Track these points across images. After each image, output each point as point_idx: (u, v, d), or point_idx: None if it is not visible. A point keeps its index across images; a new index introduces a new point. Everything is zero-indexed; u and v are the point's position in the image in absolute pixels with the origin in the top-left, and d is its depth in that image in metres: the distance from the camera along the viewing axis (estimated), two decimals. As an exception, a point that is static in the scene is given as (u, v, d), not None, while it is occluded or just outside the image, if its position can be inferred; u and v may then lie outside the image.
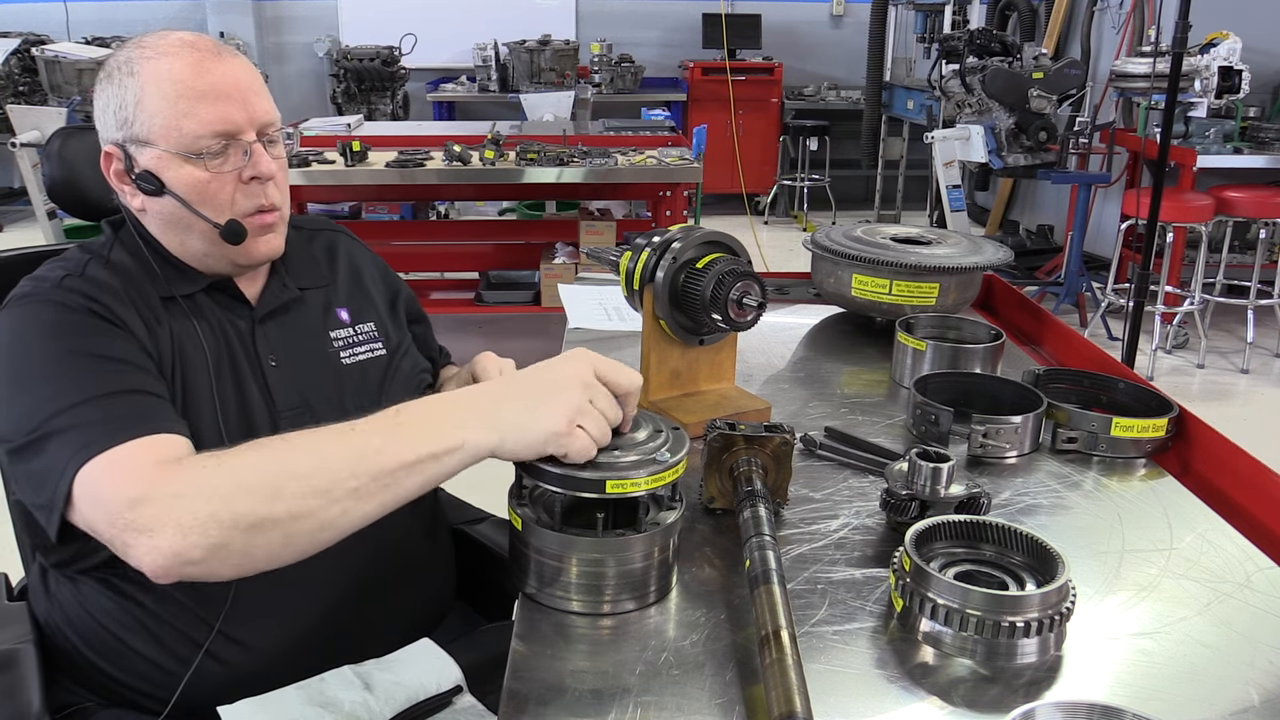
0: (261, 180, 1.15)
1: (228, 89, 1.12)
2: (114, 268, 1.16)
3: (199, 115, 1.11)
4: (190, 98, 1.10)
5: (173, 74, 1.11)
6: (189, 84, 1.10)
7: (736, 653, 0.87)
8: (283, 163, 1.21)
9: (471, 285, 4.76)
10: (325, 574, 1.20)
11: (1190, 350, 4.82)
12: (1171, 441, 1.27)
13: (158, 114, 1.11)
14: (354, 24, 7.49)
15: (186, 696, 1.12)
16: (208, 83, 1.11)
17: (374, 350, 1.30)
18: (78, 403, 0.98)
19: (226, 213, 1.15)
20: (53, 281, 1.11)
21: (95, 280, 1.12)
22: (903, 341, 1.48)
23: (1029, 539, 0.93)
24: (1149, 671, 0.87)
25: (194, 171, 1.12)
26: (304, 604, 1.18)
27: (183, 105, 1.10)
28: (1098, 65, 5.72)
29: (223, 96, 1.12)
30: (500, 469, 0.97)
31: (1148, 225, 3.68)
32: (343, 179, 4.06)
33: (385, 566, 1.25)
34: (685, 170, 4.13)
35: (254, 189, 1.16)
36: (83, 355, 1.04)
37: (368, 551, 1.24)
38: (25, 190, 5.23)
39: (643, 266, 1.29)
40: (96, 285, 1.11)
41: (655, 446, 0.95)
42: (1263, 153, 4.77)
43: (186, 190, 1.13)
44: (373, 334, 1.31)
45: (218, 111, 1.11)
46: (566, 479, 0.90)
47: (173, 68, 1.11)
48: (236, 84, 1.13)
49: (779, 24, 7.75)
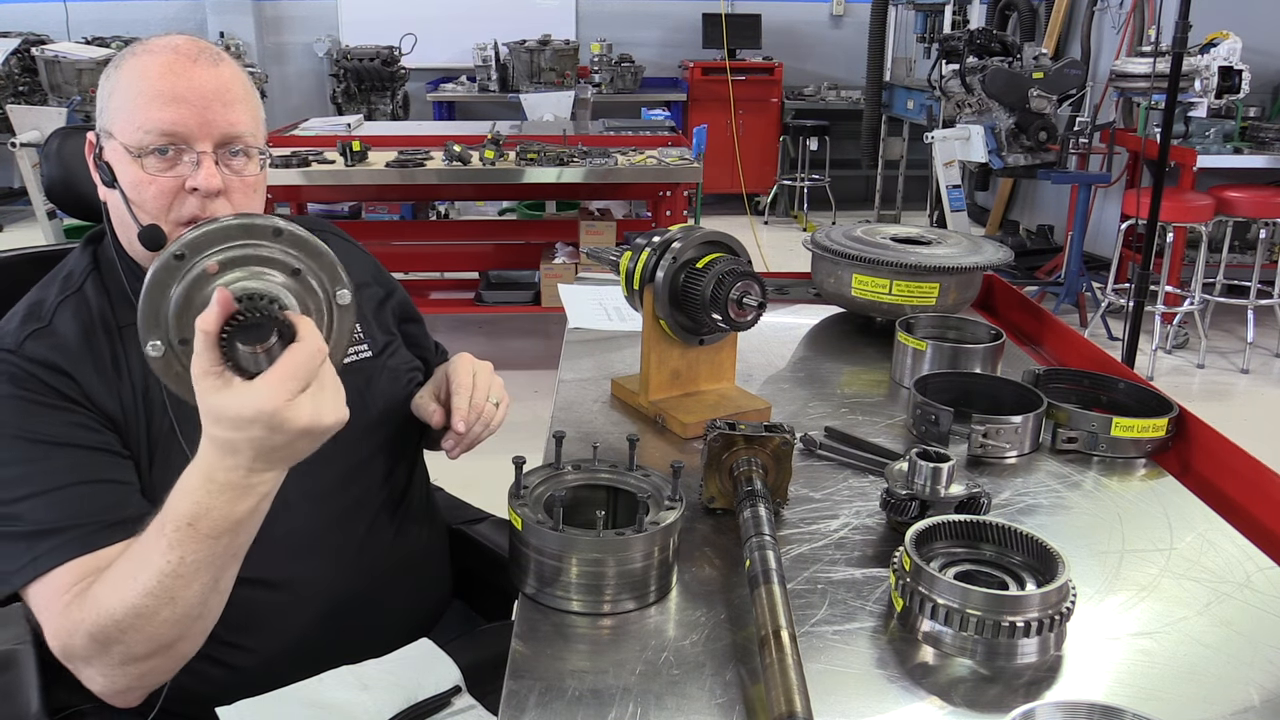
0: (203, 194, 1.09)
1: (187, 93, 1.08)
2: (81, 305, 1.13)
3: (150, 114, 1.08)
4: (148, 95, 1.08)
5: (144, 71, 1.09)
6: (152, 81, 1.09)
7: (736, 653, 0.87)
8: (249, 180, 1.14)
9: (471, 285, 4.75)
10: (322, 576, 1.20)
11: (1190, 350, 4.81)
12: (1171, 441, 1.27)
13: (122, 108, 1.10)
14: (354, 24, 7.49)
15: (187, 696, 1.12)
16: (169, 84, 1.09)
17: (358, 353, 1.29)
18: (21, 497, 1.01)
19: (160, 219, 1.10)
20: (8, 345, 1.08)
21: (54, 340, 1.09)
22: (903, 341, 1.48)
23: (1029, 539, 0.93)
24: (1149, 671, 0.87)
25: (135, 170, 1.09)
26: (301, 607, 1.18)
27: (140, 101, 1.09)
28: (1098, 65, 5.72)
29: (179, 100, 1.08)
30: (500, 469, 0.97)
31: (1148, 225, 3.68)
32: (343, 179, 4.06)
33: (382, 567, 1.25)
34: (685, 170, 4.13)
35: (194, 201, 1.10)
36: (30, 441, 1.03)
37: (364, 553, 1.24)
38: (25, 190, 5.23)
39: (643, 266, 1.29)
40: (54, 347, 1.08)
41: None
42: (1263, 153, 4.77)
43: (128, 188, 1.10)
44: (356, 336, 1.30)
45: (169, 114, 1.08)
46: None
47: (146, 65, 1.09)
48: (200, 91, 1.09)
49: (779, 24, 7.75)
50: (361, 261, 1.40)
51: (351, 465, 1.23)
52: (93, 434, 1.06)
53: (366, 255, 1.43)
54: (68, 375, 1.07)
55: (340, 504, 1.23)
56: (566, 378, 1.51)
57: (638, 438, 1.04)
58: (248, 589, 1.15)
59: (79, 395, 1.07)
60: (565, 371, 1.54)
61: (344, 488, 1.23)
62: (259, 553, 1.15)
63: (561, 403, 1.41)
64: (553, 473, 1.04)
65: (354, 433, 1.10)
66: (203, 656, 1.13)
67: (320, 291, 0.91)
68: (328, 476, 1.20)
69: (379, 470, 1.27)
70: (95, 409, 1.07)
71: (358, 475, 1.24)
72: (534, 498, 0.98)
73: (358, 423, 1.06)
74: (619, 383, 1.43)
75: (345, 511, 1.23)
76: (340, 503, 1.23)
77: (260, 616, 1.16)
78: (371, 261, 1.43)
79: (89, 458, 1.05)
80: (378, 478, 1.27)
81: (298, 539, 1.18)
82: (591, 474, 1.04)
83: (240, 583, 1.14)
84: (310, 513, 1.19)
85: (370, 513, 1.25)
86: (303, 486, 1.19)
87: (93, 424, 1.07)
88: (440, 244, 5.13)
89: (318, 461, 1.20)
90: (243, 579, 1.14)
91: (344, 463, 1.21)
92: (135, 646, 0.95)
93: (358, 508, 1.24)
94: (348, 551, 1.23)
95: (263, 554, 1.16)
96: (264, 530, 1.15)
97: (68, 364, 1.08)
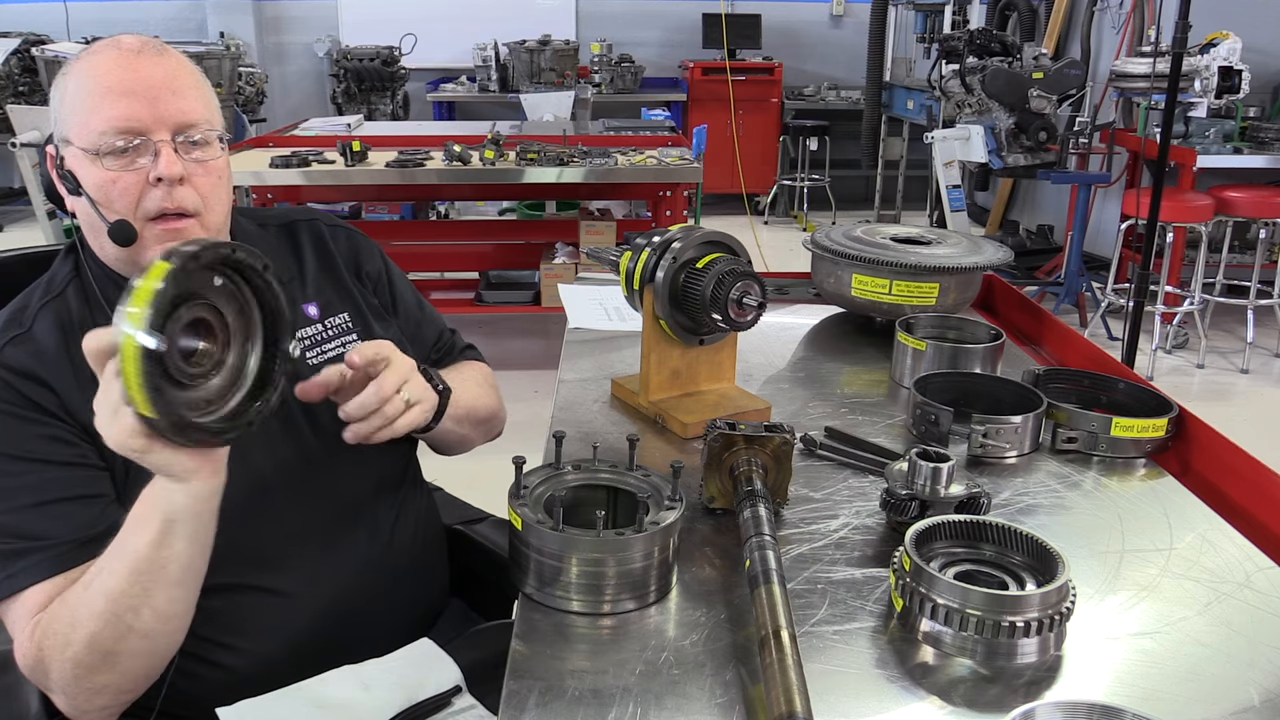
0: (168, 183, 1.09)
1: (135, 86, 1.08)
2: (62, 310, 1.12)
3: (103, 112, 1.07)
4: (98, 94, 1.07)
5: (90, 70, 1.09)
6: (100, 80, 1.08)
7: (736, 653, 0.87)
8: (212, 166, 1.13)
9: (471, 285, 4.75)
10: (316, 579, 1.20)
11: (1190, 350, 4.81)
12: (1171, 441, 1.27)
13: (75, 112, 1.09)
14: (354, 24, 7.49)
15: (184, 699, 1.12)
16: (116, 79, 1.08)
17: (346, 344, 1.27)
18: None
19: (129, 215, 1.09)
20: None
21: (32, 346, 1.09)
22: (903, 341, 1.48)
23: (1029, 539, 0.93)
24: (1149, 671, 0.87)
25: (99, 170, 1.08)
26: (296, 610, 1.18)
27: (91, 101, 1.08)
28: (1098, 65, 5.72)
29: (129, 93, 1.07)
30: (500, 469, 0.97)
31: (1148, 225, 3.68)
32: (343, 179, 4.07)
33: (380, 568, 1.25)
34: (685, 170, 4.13)
35: (159, 192, 1.09)
36: (8, 458, 1.04)
37: (362, 554, 1.24)
38: (25, 190, 5.23)
39: (643, 266, 1.29)
40: (33, 354, 1.08)
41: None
42: (1263, 153, 4.77)
43: (93, 190, 1.09)
44: (346, 326, 1.28)
45: (121, 109, 1.07)
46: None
47: (92, 65, 1.09)
48: (148, 82, 1.08)
49: (779, 24, 7.75)
50: (349, 246, 1.36)
51: (340, 467, 1.22)
52: (69, 448, 1.06)
53: (357, 240, 1.38)
54: (45, 385, 1.07)
55: (330, 506, 1.22)
56: (566, 378, 1.51)
57: (638, 438, 1.04)
58: (240, 595, 1.15)
59: (56, 407, 1.06)
60: (565, 371, 1.54)
61: (333, 490, 1.22)
62: (251, 559, 1.16)
63: (561, 403, 1.41)
64: (553, 473, 1.04)
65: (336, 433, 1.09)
66: (200, 659, 1.13)
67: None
68: (315, 480, 1.20)
69: (367, 471, 1.26)
70: (72, 420, 1.06)
71: (347, 477, 1.23)
72: (534, 498, 0.98)
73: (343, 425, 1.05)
74: (619, 383, 1.43)
75: (335, 514, 1.23)
76: (330, 505, 1.22)
77: (255, 620, 1.16)
78: (364, 245, 1.38)
79: (65, 474, 1.05)
80: (366, 479, 1.26)
81: (288, 543, 1.18)
82: (591, 474, 1.04)
83: (233, 589, 1.14)
84: (299, 516, 1.19)
85: (361, 514, 1.25)
86: (290, 489, 1.19)
87: (69, 436, 1.06)
88: (440, 244, 5.13)
89: (304, 465, 1.20)
90: (235, 585, 1.14)
91: (331, 465, 1.21)
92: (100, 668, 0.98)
93: (348, 510, 1.24)
94: (340, 553, 1.22)
95: (254, 560, 1.16)
96: (255, 535, 1.16)
97: (46, 373, 1.07)
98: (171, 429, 0.83)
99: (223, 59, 5.87)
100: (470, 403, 1.32)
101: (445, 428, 1.25)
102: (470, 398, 1.33)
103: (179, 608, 1.00)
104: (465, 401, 1.29)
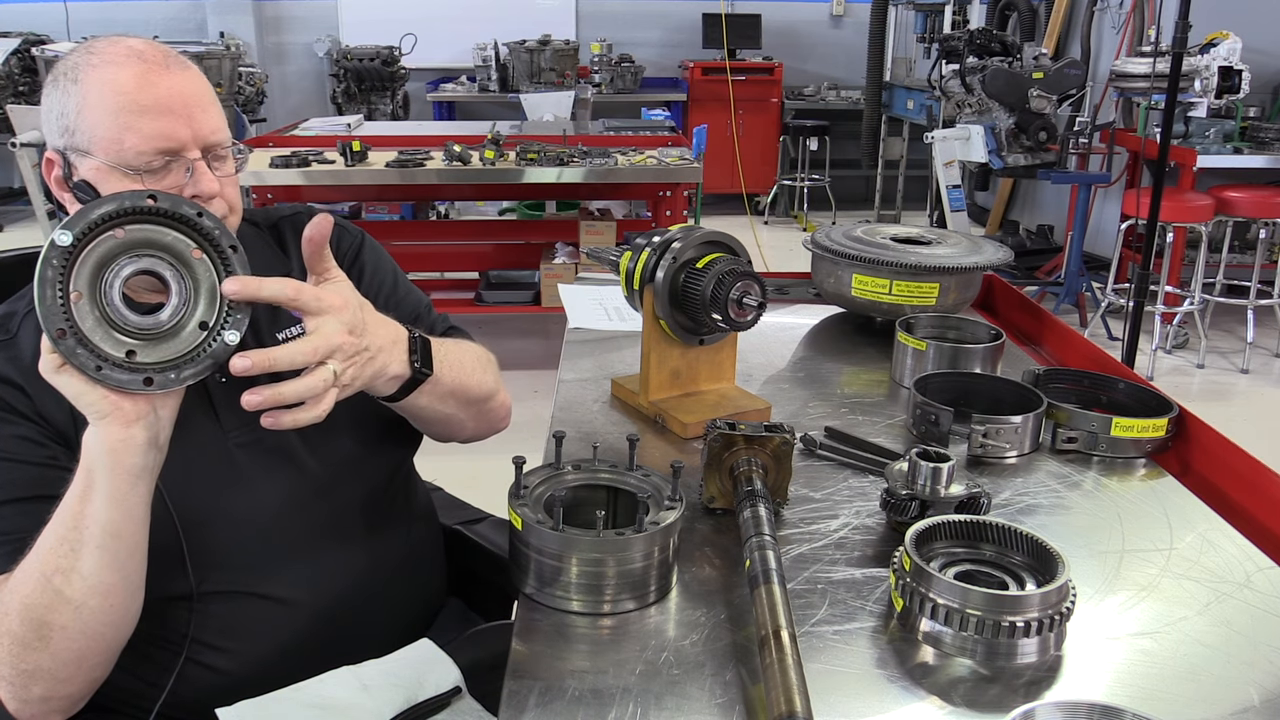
0: (203, 199, 1.08)
1: (172, 104, 1.07)
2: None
3: (141, 130, 1.05)
4: (133, 111, 1.05)
5: (116, 85, 1.06)
6: (132, 97, 1.06)
7: (736, 653, 0.87)
8: (232, 180, 1.15)
9: (471, 285, 4.76)
10: (317, 584, 1.19)
11: (1190, 350, 4.81)
12: (1171, 441, 1.27)
13: (99, 125, 1.06)
14: (354, 24, 7.49)
15: (182, 702, 1.12)
16: (152, 97, 1.06)
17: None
18: None
19: None
20: None
21: (13, 353, 1.09)
22: (903, 341, 1.48)
23: (1029, 539, 0.93)
24: (1149, 671, 0.87)
25: (132, 187, 1.06)
26: (296, 614, 1.18)
27: (125, 119, 1.05)
28: (1098, 65, 5.72)
29: (166, 112, 1.06)
30: (500, 469, 0.97)
31: (1148, 225, 3.68)
32: (343, 179, 4.06)
33: (377, 572, 1.25)
34: (685, 170, 4.13)
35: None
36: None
37: (359, 558, 1.23)
38: (25, 190, 5.23)
39: (643, 266, 1.29)
40: (12, 359, 1.08)
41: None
42: (1263, 153, 4.77)
43: None
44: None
45: (160, 127, 1.06)
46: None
47: (117, 78, 1.06)
48: (183, 99, 1.08)
49: (779, 24, 7.75)
50: (345, 240, 1.33)
51: (336, 471, 1.21)
52: (39, 448, 1.06)
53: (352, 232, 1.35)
54: (19, 388, 1.07)
55: (326, 511, 1.21)
56: (566, 378, 1.51)
57: (638, 438, 1.04)
58: (238, 601, 1.15)
59: (29, 410, 1.07)
60: (565, 371, 1.54)
61: (325, 491, 1.21)
62: (248, 567, 1.16)
63: (561, 403, 1.41)
64: (553, 473, 1.04)
65: (329, 434, 1.09)
66: (196, 663, 1.13)
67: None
68: (311, 485, 1.20)
69: (364, 474, 1.25)
70: (45, 423, 1.07)
71: (343, 481, 1.22)
72: (534, 498, 0.98)
73: (331, 423, 1.03)
74: (619, 383, 1.43)
75: (327, 516, 1.22)
76: (326, 510, 1.21)
77: (253, 625, 1.16)
78: (359, 239, 1.35)
79: (35, 473, 1.05)
80: (363, 482, 1.25)
81: (285, 550, 1.17)
82: (591, 474, 1.04)
83: (230, 596, 1.14)
84: (295, 523, 1.19)
85: (354, 515, 1.24)
86: (286, 495, 1.18)
87: (39, 438, 1.07)
88: (440, 244, 5.13)
89: (294, 466, 1.19)
90: (232, 592, 1.14)
91: (322, 466, 1.20)
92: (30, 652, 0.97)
93: (340, 511, 1.23)
94: (337, 558, 1.21)
95: (251, 567, 1.16)
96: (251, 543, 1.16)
97: (21, 378, 1.07)
98: (62, 337, 0.85)
99: (223, 59, 5.88)
100: (459, 379, 1.20)
101: (425, 404, 1.16)
102: (459, 373, 1.21)
103: (107, 577, 0.97)
104: (450, 378, 1.18)
